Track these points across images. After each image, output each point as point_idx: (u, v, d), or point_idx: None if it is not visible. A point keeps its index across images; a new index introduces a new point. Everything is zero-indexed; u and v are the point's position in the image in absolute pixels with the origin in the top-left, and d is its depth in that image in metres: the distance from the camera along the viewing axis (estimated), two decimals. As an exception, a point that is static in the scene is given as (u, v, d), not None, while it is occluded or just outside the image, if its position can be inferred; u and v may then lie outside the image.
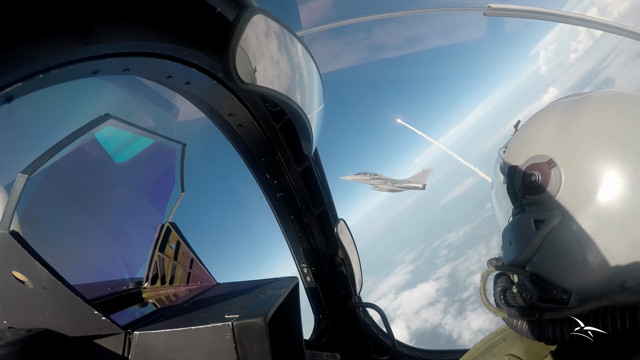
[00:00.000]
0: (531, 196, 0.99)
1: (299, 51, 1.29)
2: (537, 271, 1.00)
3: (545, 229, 0.95)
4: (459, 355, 3.07)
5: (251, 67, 0.98)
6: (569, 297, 0.91)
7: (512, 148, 1.11)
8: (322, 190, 2.28)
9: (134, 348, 1.05)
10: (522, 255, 1.01)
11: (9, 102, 0.66)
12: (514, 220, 1.07)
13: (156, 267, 1.72)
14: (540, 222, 0.96)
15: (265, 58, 1.07)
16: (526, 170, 1.00)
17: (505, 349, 1.12)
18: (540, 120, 1.07)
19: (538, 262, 1.00)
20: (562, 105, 1.05)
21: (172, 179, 1.90)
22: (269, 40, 1.08)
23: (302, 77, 1.35)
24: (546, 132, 1.01)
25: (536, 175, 0.97)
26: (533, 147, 1.02)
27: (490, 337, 1.22)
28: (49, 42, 0.71)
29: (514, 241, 1.06)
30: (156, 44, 1.02)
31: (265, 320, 1.06)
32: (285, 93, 1.20)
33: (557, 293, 0.92)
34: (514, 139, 1.13)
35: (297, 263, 2.52)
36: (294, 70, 1.26)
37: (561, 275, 0.95)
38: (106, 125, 1.45)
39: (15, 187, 1.13)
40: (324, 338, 2.64)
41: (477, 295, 1.13)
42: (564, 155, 0.95)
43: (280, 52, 1.15)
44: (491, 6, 2.61)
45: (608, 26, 2.68)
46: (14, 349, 0.88)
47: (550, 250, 0.96)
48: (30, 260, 0.95)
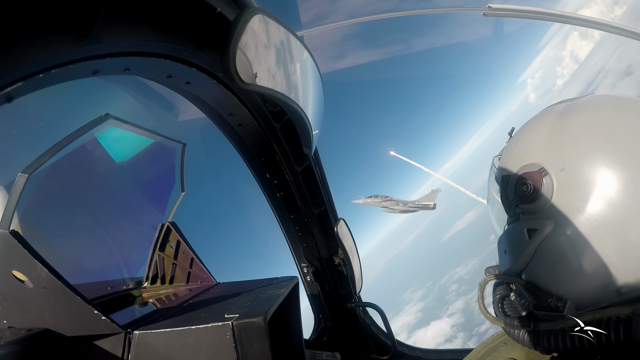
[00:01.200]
0: (524, 205, 0.99)
1: (299, 51, 1.30)
2: (532, 279, 1.00)
3: (539, 237, 0.95)
4: (459, 355, 3.07)
5: (251, 67, 0.98)
6: (563, 304, 0.90)
7: (505, 156, 1.11)
8: (322, 190, 2.28)
9: (134, 348, 1.05)
10: (517, 264, 1.01)
11: (9, 102, 0.66)
12: (508, 229, 1.07)
13: (156, 266, 1.72)
14: (533, 230, 0.96)
15: (265, 58, 1.07)
16: (518, 180, 1.00)
17: (506, 352, 1.12)
18: (532, 127, 1.07)
19: (533, 270, 0.99)
20: (554, 112, 1.05)
21: (172, 179, 1.90)
22: (269, 40, 1.08)
23: (302, 77, 1.35)
24: (538, 140, 1.01)
25: (528, 185, 0.97)
26: (525, 156, 1.02)
27: (492, 339, 1.21)
28: (50, 41, 0.71)
29: (508, 250, 1.06)
30: (156, 43, 1.02)
31: (265, 320, 1.06)
32: (285, 93, 1.20)
33: (552, 301, 0.92)
34: (507, 147, 1.14)
35: (297, 263, 2.52)
36: (294, 70, 1.26)
37: (556, 282, 0.95)
38: (106, 125, 1.46)
39: (15, 187, 1.13)
40: (324, 338, 2.64)
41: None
42: (556, 163, 0.95)
43: (280, 52, 1.15)
44: (491, 6, 2.61)
45: (608, 26, 2.68)
46: (14, 348, 0.88)
47: (545, 258, 0.96)
48: (30, 260, 0.95)
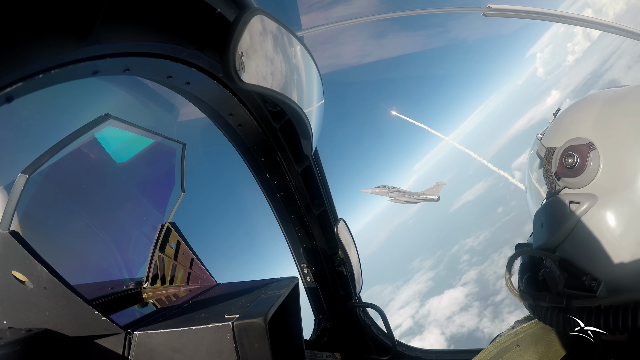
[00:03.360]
0: (568, 178, 0.97)
1: (299, 51, 1.29)
2: (567, 257, 0.97)
3: (579, 211, 0.91)
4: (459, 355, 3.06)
5: (251, 67, 0.98)
6: (597, 285, 0.87)
7: (551, 131, 1.08)
8: (322, 190, 2.28)
9: (134, 348, 1.05)
10: (554, 238, 0.98)
11: (9, 102, 0.66)
12: (547, 202, 1.04)
13: (156, 267, 1.72)
14: (574, 204, 0.93)
15: (265, 58, 1.07)
16: (564, 152, 0.98)
17: (518, 355, 1.09)
18: (581, 106, 1.05)
19: (569, 247, 0.96)
20: (603, 94, 1.03)
21: (172, 179, 1.90)
22: (269, 40, 1.08)
23: (302, 77, 1.35)
24: (587, 117, 0.99)
25: (574, 157, 0.95)
26: (573, 130, 0.99)
27: (503, 340, 1.17)
28: (50, 42, 0.71)
29: (545, 223, 1.03)
30: (156, 44, 1.02)
31: (266, 320, 1.06)
32: (285, 93, 1.20)
33: (586, 280, 0.89)
34: (553, 124, 1.11)
35: (297, 263, 2.52)
36: (294, 70, 1.26)
37: (591, 262, 0.91)
38: (106, 125, 1.45)
39: (15, 187, 1.13)
40: (324, 338, 2.64)
41: (512, 298, 1.10)
42: (605, 140, 0.92)
43: (280, 52, 1.15)
44: (491, 7, 2.61)
45: (608, 26, 2.68)
46: (14, 349, 0.88)
47: (583, 235, 0.92)
48: (30, 260, 0.95)
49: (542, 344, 1.06)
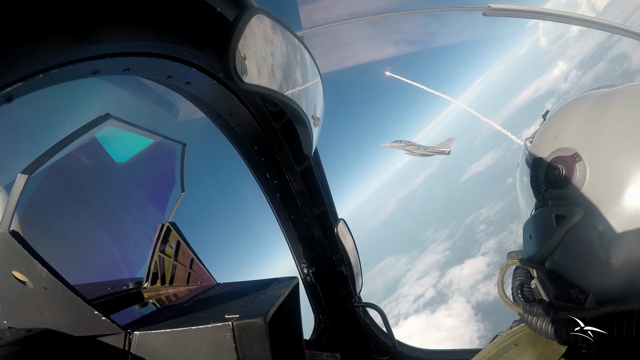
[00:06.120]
0: (554, 190, 0.96)
1: (299, 51, 1.29)
2: (556, 268, 0.97)
3: (567, 224, 0.91)
4: (459, 355, 3.07)
5: (251, 67, 0.98)
6: (585, 297, 0.88)
7: (537, 139, 1.08)
8: (322, 190, 2.28)
9: (134, 348, 1.05)
10: (542, 250, 0.98)
11: (9, 102, 0.66)
12: (535, 214, 1.04)
13: (156, 267, 1.72)
14: (561, 217, 0.93)
15: (265, 58, 1.07)
16: (550, 163, 0.97)
17: (517, 354, 1.09)
18: (568, 111, 1.04)
19: (557, 259, 0.97)
20: (591, 97, 1.01)
21: (172, 179, 1.90)
22: (269, 40, 1.08)
23: (302, 77, 1.35)
24: (573, 124, 0.97)
25: (560, 169, 0.94)
26: (559, 140, 0.98)
27: (502, 340, 1.18)
28: (50, 42, 0.71)
29: (534, 235, 1.03)
30: (156, 44, 1.02)
31: (266, 320, 1.06)
32: (285, 93, 1.20)
33: (574, 292, 0.89)
34: (540, 130, 1.10)
35: (297, 263, 2.52)
36: (294, 70, 1.26)
37: (580, 274, 0.92)
38: (106, 125, 1.45)
39: (15, 187, 1.13)
40: (324, 338, 2.64)
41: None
42: (591, 150, 0.91)
43: (280, 52, 1.15)
44: (491, 6, 2.62)
45: (608, 26, 2.69)
46: (14, 349, 0.88)
47: (571, 248, 0.93)
48: (30, 260, 0.95)
49: (541, 343, 1.06)
